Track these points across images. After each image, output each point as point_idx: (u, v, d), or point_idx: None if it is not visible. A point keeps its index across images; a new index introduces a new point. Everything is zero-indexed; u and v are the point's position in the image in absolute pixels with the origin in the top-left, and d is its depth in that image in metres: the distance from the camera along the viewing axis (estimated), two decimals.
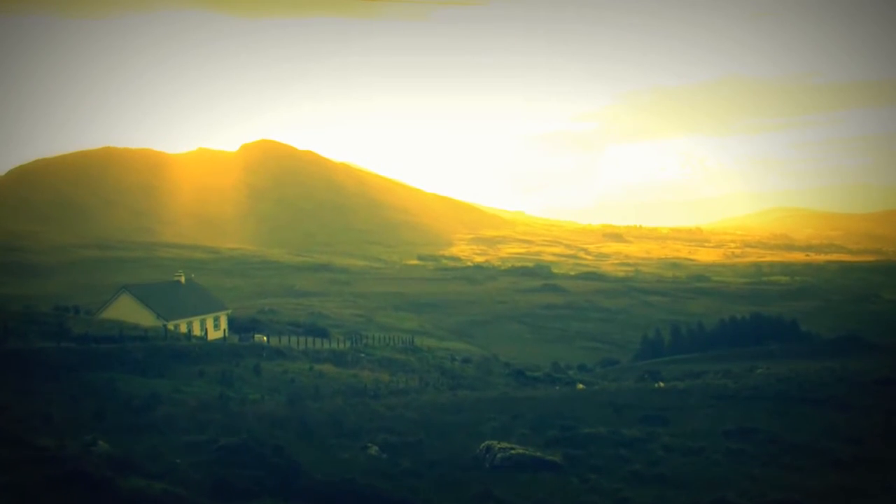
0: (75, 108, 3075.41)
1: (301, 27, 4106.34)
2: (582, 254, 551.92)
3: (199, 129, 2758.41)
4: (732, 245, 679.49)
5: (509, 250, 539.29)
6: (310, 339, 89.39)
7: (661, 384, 59.42)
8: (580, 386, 70.72)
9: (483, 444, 29.24)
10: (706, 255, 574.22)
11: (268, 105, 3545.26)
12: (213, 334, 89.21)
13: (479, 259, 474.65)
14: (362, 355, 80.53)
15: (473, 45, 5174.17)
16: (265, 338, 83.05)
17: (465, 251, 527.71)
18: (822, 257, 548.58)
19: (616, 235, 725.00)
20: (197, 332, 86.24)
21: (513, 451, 28.21)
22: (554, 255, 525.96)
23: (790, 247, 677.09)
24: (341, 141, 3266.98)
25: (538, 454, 28.50)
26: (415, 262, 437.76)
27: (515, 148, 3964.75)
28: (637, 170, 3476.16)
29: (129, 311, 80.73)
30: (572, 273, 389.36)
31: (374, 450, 29.20)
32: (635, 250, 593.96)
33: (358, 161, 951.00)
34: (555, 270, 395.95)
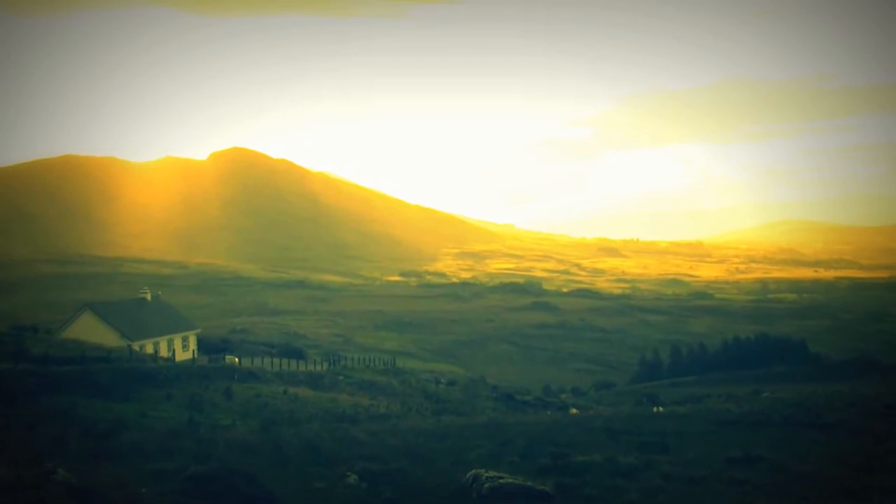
0: (32, 113, 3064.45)
1: (276, 28, 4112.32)
2: (575, 269, 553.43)
3: (167, 136, 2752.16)
4: (736, 260, 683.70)
5: (497, 266, 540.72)
6: (284, 361, 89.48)
7: (660, 409, 59.60)
8: (573, 411, 70.75)
9: (470, 473, 29.28)
10: (708, 271, 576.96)
11: (239, 111, 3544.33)
12: (182, 355, 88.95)
13: (465, 275, 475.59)
14: (340, 378, 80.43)
15: (459, 45, 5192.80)
16: (237, 359, 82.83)
17: (451, 266, 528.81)
18: (831, 273, 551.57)
19: (612, 250, 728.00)
20: (164, 353, 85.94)
21: (501, 481, 28.26)
22: (545, 270, 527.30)
23: (798, 262, 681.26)
24: (318, 149, 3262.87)
25: (528, 483, 28.55)
26: (397, 278, 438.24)
27: (504, 156, 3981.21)
28: (634, 179, 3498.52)
29: (91, 331, 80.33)
30: (565, 290, 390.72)
31: (352, 479, 29.19)
32: (632, 266, 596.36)
33: (336, 170, 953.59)
34: (546, 287, 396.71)
